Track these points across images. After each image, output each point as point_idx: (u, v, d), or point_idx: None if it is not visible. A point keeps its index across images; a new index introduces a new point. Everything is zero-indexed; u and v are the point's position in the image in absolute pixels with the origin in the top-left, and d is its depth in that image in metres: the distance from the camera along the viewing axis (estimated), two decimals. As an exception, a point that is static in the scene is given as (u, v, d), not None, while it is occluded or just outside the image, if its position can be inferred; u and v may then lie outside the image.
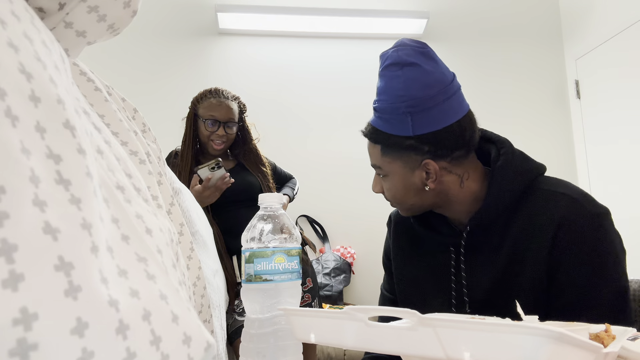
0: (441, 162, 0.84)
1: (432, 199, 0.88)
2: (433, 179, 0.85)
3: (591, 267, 0.77)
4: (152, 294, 0.27)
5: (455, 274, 0.88)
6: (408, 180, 0.86)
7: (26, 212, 0.19)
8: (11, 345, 0.18)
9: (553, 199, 0.80)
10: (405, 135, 0.83)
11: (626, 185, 2.52)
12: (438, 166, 0.84)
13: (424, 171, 0.85)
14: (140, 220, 0.32)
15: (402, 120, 0.82)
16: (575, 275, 0.77)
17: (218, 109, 1.74)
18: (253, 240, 0.58)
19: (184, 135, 1.78)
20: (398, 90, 0.82)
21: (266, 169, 1.88)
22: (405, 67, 0.82)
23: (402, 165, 0.86)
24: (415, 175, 0.85)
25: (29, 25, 0.24)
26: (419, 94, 0.81)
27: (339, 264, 2.45)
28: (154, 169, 0.46)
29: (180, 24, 2.77)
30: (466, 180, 0.86)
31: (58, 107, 0.23)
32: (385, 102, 0.84)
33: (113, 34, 0.40)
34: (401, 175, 0.86)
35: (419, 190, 0.86)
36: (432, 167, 0.84)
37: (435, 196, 0.87)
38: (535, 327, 0.32)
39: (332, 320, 0.44)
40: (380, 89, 0.86)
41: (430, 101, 0.81)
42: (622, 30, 2.53)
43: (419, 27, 2.83)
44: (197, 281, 0.53)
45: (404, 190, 0.88)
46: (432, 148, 0.83)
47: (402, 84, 0.82)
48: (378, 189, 0.93)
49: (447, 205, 0.89)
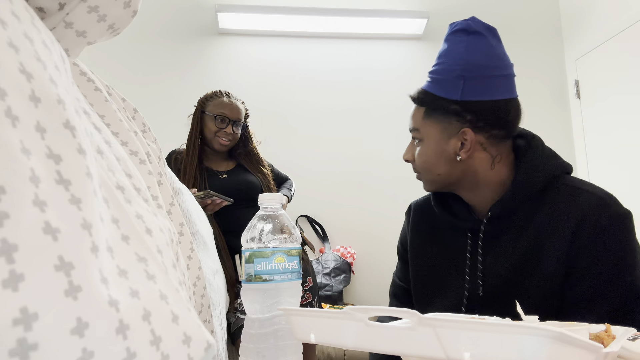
0: (479, 135, 0.85)
1: (459, 174, 0.88)
2: (467, 150, 0.86)
3: (609, 263, 0.77)
4: (152, 294, 0.27)
5: (471, 259, 0.89)
6: (442, 147, 0.87)
7: (26, 212, 0.19)
8: (11, 345, 0.18)
9: (578, 195, 0.81)
10: (452, 99, 0.84)
11: (626, 184, 2.52)
12: (475, 138, 0.85)
13: (460, 140, 0.86)
14: (140, 220, 0.32)
15: (454, 83, 0.84)
16: (592, 269, 0.77)
17: (229, 107, 1.79)
18: (253, 240, 0.58)
19: (190, 132, 1.81)
20: (458, 54, 0.85)
21: (266, 169, 1.90)
22: (472, 35, 0.86)
23: (440, 130, 0.87)
24: (450, 143, 0.86)
25: (29, 25, 0.24)
26: (478, 61, 0.84)
27: (339, 264, 2.45)
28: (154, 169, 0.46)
29: (180, 24, 2.77)
30: (497, 163, 0.87)
31: (58, 107, 0.23)
32: (443, 64, 0.87)
33: (113, 34, 0.40)
34: (437, 141, 0.87)
35: (450, 160, 0.87)
36: (470, 137, 0.85)
37: (463, 172, 0.88)
38: (535, 327, 0.32)
39: (332, 320, 0.44)
40: (441, 53, 0.89)
41: (485, 70, 0.84)
42: (622, 30, 2.53)
43: (419, 27, 2.83)
44: (197, 281, 0.53)
45: (435, 157, 0.88)
46: (474, 118, 0.84)
47: (464, 49, 0.85)
48: (409, 156, 0.94)
49: (473, 187, 0.89)
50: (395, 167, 2.74)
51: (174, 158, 1.80)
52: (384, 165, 2.75)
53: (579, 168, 2.91)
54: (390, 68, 2.85)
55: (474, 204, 0.92)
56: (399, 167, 2.77)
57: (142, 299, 0.25)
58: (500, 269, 0.85)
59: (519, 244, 0.83)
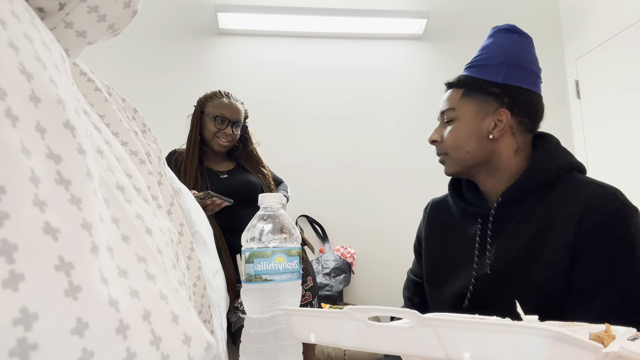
0: (512, 119, 0.91)
1: (485, 155, 0.93)
2: (500, 129, 0.91)
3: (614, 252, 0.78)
4: (152, 294, 0.27)
5: (481, 242, 0.93)
6: (477, 124, 0.92)
7: (26, 212, 0.19)
8: (11, 345, 0.18)
9: (586, 187, 0.85)
10: (493, 81, 0.91)
11: (626, 184, 2.52)
12: (509, 121, 0.91)
13: (494, 120, 0.91)
14: (140, 220, 0.32)
15: (498, 68, 0.92)
16: (596, 257, 0.79)
17: (229, 108, 1.79)
18: (253, 240, 0.58)
19: (189, 133, 1.80)
20: (504, 45, 0.93)
21: (266, 170, 1.90)
22: (516, 34, 0.94)
23: (477, 109, 0.92)
24: (485, 121, 0.92)
25: (29, 25, 0.24)
26: (521, 54, 0.92)
27: (339, 264, 2.45)
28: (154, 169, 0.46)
29: (180, 24, 2.77)
30: (520, 151, 0.93)
31: (58, 107, 0.23)
32: (487, 53, 0.94)
33: (113, 34, 0.40)
34: (473, 118, 0.92)
35: (482, 138, 0.92)
36: (505, 118, 0.91)
37: (489, 154, 0.92)
38: (535, 327, 0.32)
39: (332, 320, 0.44)
40: (484, 45, 0.96)
41: (527, 63, 0.92)
42: (622, 30, 2.53)
43: (419, 27, 2.83)
44: (197, 281, 0.53)
45: (469, 134, 0.93)
46: (511, 101, 0.90)
47: (509, 43, 0.93)
48: (437, 137, 0.98)
49: (493, 172, 0.94)
50: (396, 167, 2.74)
51: (174, 158, 1.79)
52: (384, 165, 2.75)
53: (579, 168, 2.91)
54: (390, 68, 2.85)
55: (488, 191, 0.96)
56: (399, 167, 2.77)
57: (142, 299, 0.25)
58: (507, 251, 0.88)
59: (526, 229, 0.87)
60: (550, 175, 0.88)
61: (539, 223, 0.85)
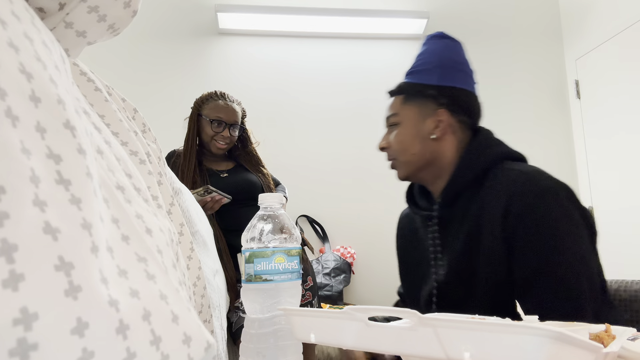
0: (452, 118, 0.95)
1: (429, 156, 0.95)
2: (441, 129, 0.94)
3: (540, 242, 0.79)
4: (152, 294, 0.27)
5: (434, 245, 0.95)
6: (419, 127, 0.96)
7: (26, 212, 0.19)
8: (11, 345, 0.18)
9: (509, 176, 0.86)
10: (429, 84, 0.95)
11: (626, 184, 2.52)
12: (448, 120, 0.93)
13: (435, 121, 0.94)
14: (140, 220, 0.32)
15: (432, 71, 0.95)
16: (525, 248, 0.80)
17: (225, 110, 1.77)
18: (253, 240, 0.58)
19: (186, 136, 1.79)
20: (435, 50, 0.97)
21: (266, 169, 1.89)
22: (447, 40, 0.99)
23: (418, 112, 0.96)
24: (426, 123, 0.95)
25: (29, 25, 0.24)
26: (454, 57, 0.97)
27: (339, 264, 2.45)
28: (154, 169, 0.46)
29: (180, 24, 2.77)
30: (462, 148, 0.95)
31: (58, 107, 0.23)
32: (421, 60, 0.98)
33: (113, 34, 0.40)
34: (414, 122, 0.96)
35: (425, 139, 0.95)
36: (445, 118, 0.94)
37: (433, 154, 0.95)
38: (535, 327, 0.32)
39: (332, 320, 0.44)
40: (419, 53, 1.00)
41: (460, 65, 0.97)
42: (622, 30, 2.53)
43: (419, 27, 2.83)
44: (197, 281, 0.53)
45: (412, 137, 0.96)
46: (448, 102, 0.94)
47: (441, 48, 0.98)
48: (384, 143, 1.02)
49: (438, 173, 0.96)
50: (395, 167, 2.74)
51: (173, 160, 1.79)
52: (384, 165, 2.74)
53: (579, 168, 2.91)
54: (390, 68, 2.85)
55: (436, 193, 0.99)
56: (399, 167, 2.77)
57: (142, 299, 0.25)
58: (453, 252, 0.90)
59: (464, 226, 0.89)
60: (477, 170, 0.90)
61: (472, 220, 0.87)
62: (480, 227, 0.85)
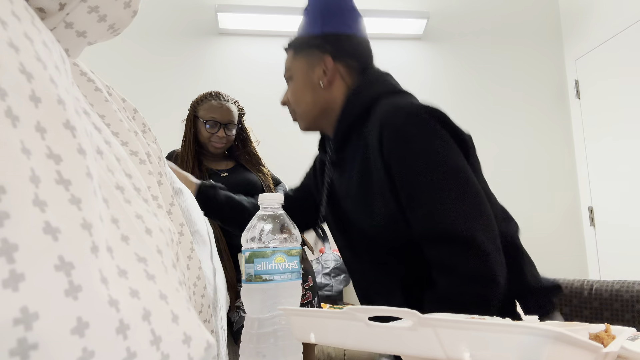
0: (337, 64, 0.96)
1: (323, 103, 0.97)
2: (328, 76, 0.95)
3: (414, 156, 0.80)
4: (152, 293, 0.27)
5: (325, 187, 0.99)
6: (309, 77, 0.97)
7: (26, 212, 0.19)
8: (12, 344, 0.18)
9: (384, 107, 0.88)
10: (314, 34, 0.96)
11: (626, 184, 2.52)
12: (334, 66, 0.96)
13: (322, 68, 0.96)
14: (140, 221, 0.32)
15: (315, 20, 0.97)
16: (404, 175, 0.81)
17: (219, 110, 1.76)
18: (253, 240, 0.58)
19: (183, 137, 1.79)
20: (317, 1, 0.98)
21: (266, 169, 1.90)
22: None
23: (306, 63, 0.97)
24: (315, 72, 0.96)
25: (29, 25, 0.24)
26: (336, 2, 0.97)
27: (339, 264, 2.45)
28: (154, 169, 0.46)
29: (180, 24, 2.77)
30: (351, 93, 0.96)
31: (58, 108, 0.23)
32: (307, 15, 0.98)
33: (113, 34, 0.40)
34: (304, 72, 0.98)
35: (316, 88, 0.97)
36: (330, 65, 0.95)
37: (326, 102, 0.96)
38: (535, 327, 0.32)
39: (332, 320, 0.44)
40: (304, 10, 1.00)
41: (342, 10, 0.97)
42: (622, 30, 2.53)
43: (419, 27, 2.83)
44: (197, 281, 0.53)
45: (304, 87, 0.98)
46: (333, 48, 0.95)
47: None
48: (284, 98, 1.04)
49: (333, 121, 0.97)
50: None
51: (173, 160, 1.79)
52: (384, 165, 2.75)
53: (579, 168, 2.91)
54: (390, 68, 2.83)
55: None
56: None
57: (142, 298, 0.25)
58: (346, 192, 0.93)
59: (354, 167, 0.91)
60: (358, 109, 0.92)
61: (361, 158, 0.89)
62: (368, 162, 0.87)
